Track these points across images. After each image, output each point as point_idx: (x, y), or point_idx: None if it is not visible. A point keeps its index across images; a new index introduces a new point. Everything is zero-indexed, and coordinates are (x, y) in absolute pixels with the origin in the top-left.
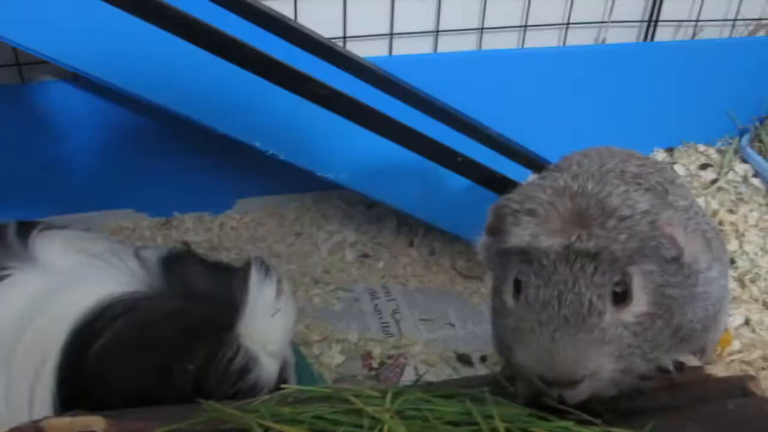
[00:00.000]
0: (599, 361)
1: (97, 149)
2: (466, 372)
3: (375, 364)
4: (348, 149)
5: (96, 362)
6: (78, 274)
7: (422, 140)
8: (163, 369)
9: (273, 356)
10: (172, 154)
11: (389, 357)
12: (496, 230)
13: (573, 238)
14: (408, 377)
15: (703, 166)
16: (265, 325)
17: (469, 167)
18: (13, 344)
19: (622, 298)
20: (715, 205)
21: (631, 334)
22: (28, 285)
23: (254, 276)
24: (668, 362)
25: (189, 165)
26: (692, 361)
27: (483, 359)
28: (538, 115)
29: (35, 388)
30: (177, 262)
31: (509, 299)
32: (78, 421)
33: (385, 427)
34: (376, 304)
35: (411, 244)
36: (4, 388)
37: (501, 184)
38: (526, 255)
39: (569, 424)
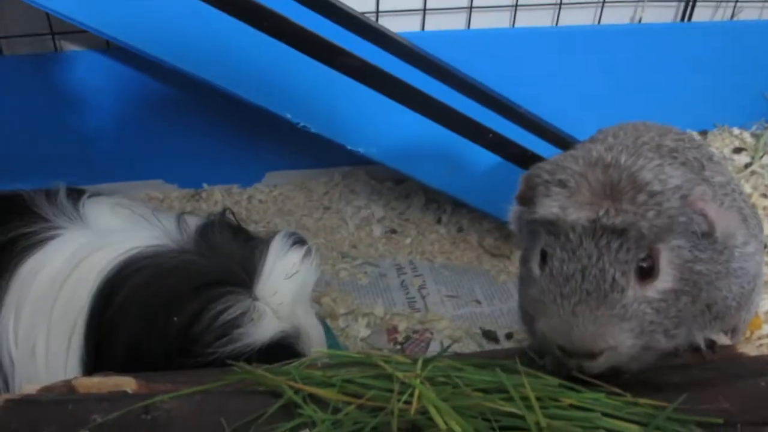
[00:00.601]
0: (618, 337)
1: (128, 119)
2: (491, 348)
3: (400, 338)
4: (379, 124)
5: (114, 314)
6: (116, 231)
7: (453, 116)
8: (154, 320)
9: (280, 318)
10: (203, 126)
11: (415, 332)
12: (526, 199)
13: (601, 213)
14: (433, 351)
15: (737, 150)
16: (278, 288)
17: (499, 144)
18: (54, 297)
19: (648, 273)
20: (748, 189)
21: (653, 310)
22: (76, 243)
23: (277, 242)
24: (700, 340)
25: (219, 137)
26: (723, 339)
27: (509, 336)
28: (570, 94)
29: (71, 339)
30: (210, 226)
31: (536, 269)
32: (108, 381)
33: (415, 392)
34: (403, 280)
35: (439, 221)
36: (46, 338)
37: (531, 162)
38: (553, 227)
39: (600, 395)
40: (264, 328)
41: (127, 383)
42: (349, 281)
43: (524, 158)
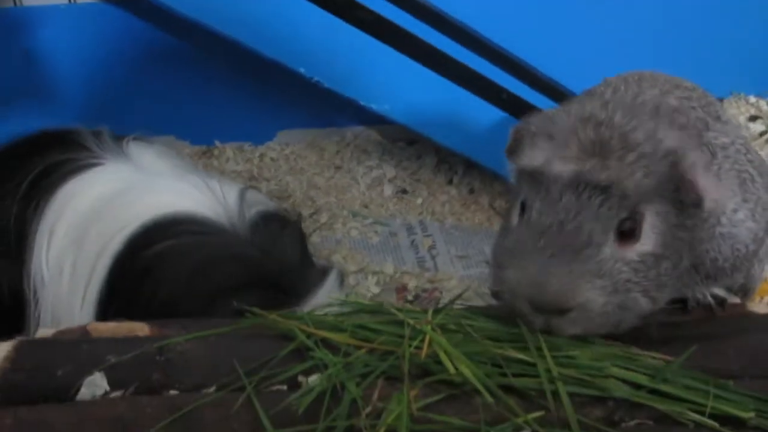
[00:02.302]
0: (589, 293)
1: (140, 74)
2: None
3: (410, 297)
4: (393, 81)
5: (147, 261)
6: (169, 180)
7: (468, 74)
8: (201, 299)
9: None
10: (215, 83)
11: (424, 290)
12: (512, 150)
13: (586, 167)
14: None
15: (753, 118)
16: None
17: (513, 104)
18: (90, 223)
19: (629, 234)
20: (763, 156)
21: (631, 270)
22: (119, 174)
23: (332, 278)
24: (707, 296)
25: (232, 94)
26: (734, 298)
27: None
28: (584, 52)
29: (96, 267)
30: (274, 220)
31: (514, 220)
32: (123, 327)
33: (426, 338)
34: (413, 240)
35: (450, 182)
36: (73, 261)
37: None
38: (535, 178)
39: (611, 348)
40: None
41: (140, 328)
42: (360, 240)
43: None
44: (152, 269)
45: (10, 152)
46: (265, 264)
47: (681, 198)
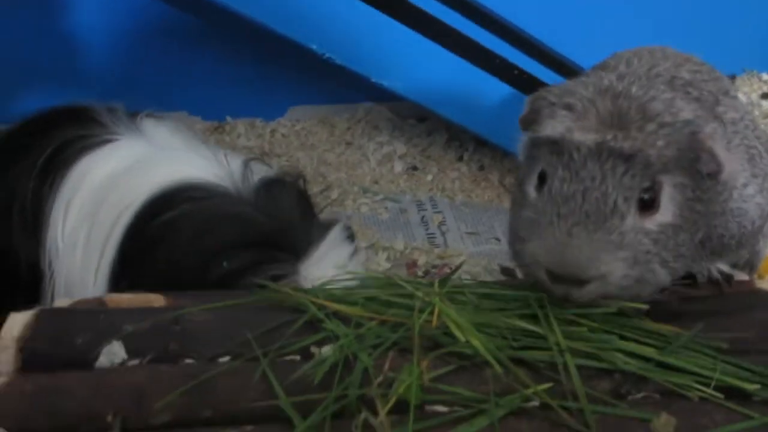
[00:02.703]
0: (612, 265)
1: (152, 51)
2: None
3: (420, 273)
4: (405, 58)
5: (155, 230)
6: (178, 152)
7: (480, 52)
8: (200, 259)
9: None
10: (227, 59)
11: (434, 266)
12: (529, 122)
13: (608, 137)
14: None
15: (765, 96)
16: (327, 275)
17: (525, 81)
18: (103, 197)
19: (648, 205)
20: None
21: (651, 241)
22: (133, 150)
23: (335, 232)
24: (714, 272)
25: (243, 70)
26: (741, 275)
27: None
28: (593, 29)
29: (108, 239)
30: (276, 184)
31: (531, 191)
32: (138, 298)
33: (435, 309)
34: (423, 216)
35: (460, 159)
36: (86, 234)
37: None
38: (556, 147)
39: (623, 320)
40: None
41: (156, 300)
42: (370, 216)
43: None
44: (160, 237)
45: (25, 129)
46: (262, 222)
47: (699, 168)
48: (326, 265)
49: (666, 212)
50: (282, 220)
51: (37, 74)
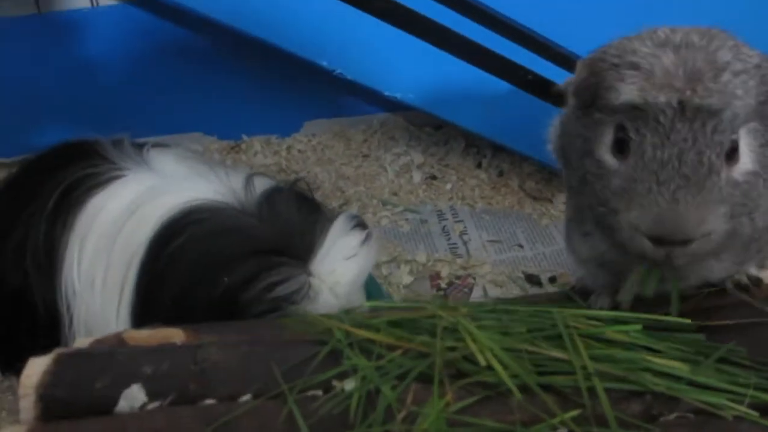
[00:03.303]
0: (717, 221)
1: (166, 73)
2: (535, 292)
3: (443, 284)
4: (416, 68)
5: (166, 260)
6: (183, 178)
7: (490, 57)
8: (203, 276)
9: (337, 297)
10: (240, 77)
11: (457, 277)
12: (588, 88)
13: (688, 93)
14: (476, 297)
15: None
16: (336, 267)
17: (539, 84)
18: (115, 234)
19: (730, 156)
20: None
21: (740, 193)
22: (141, 184)
23: (340, 221)
24: (743, 277)
25: (256, 88)
26: None
27: (552, 280)
28: (611, 32)
29: (127, 275)
30: (277, 192)
31: (610, 160)
32: (158, 334)
33: (465, 334)
34: (444, 226)
35: (479, 166)
36: (104, 271)
37: None
38: (637, 112)
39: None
40: (320, 307)
41: (176, 335)
42: (391, 228)
43: (560, 95)
44: (171, 265)
45: (34, 167)
46: (263, 230)
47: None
48: (334, 258)
49: (747, 160)
50: (282, 224)
51: (49, 100)
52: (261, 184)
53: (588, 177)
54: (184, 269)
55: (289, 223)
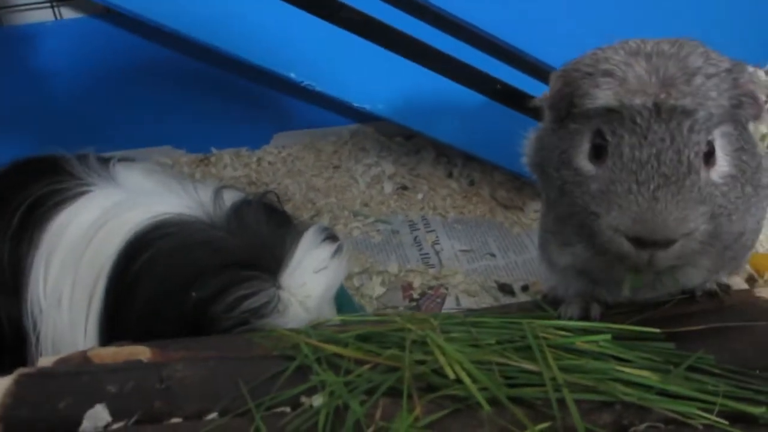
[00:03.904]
0: (698, 221)
1: (133, 86)
2: (507, 301)
3: (415, 295)
4: (385, 79)
5: (134, 275)
6: (150, 193)
7: (459, 67)
8: (172, 291)
9: (307, 310)
10: (209, 90)
11: (430, 288)
12: (562, 98)
13: (663, 96)
14: (449, 307)
15: None
16: (306, 280)
17: (508, 94)
18: (82, 250)
19: (707, 159)
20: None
21: (720, 194)
22: (107, 200)
23: (310, 234)
24: (712, 284)
25: (225, 100)
26: (739, 284)
27: (525, 288)
28: (584, 40)
29: (94, 292)
30: (246, 204)
31: (587, 165)
32: (124, 351)
33: (434, 348)
34: (416, 236)
35: (450, 176)
36: (71, 288)
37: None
38: (613, 115)
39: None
40: (289, 320)
41: (142, 352)
42: (362, 240)
43: (535, 108)
44: (138, 280)
45: None
46: (231, 244)
47: (740, 115)
48: (304, 271)
49: (723, 163)
50: (251, 237)
51: (18, 117)
52: (230, 197)
53: (566, 187)
54: (153, 284)
55: (259, 236)
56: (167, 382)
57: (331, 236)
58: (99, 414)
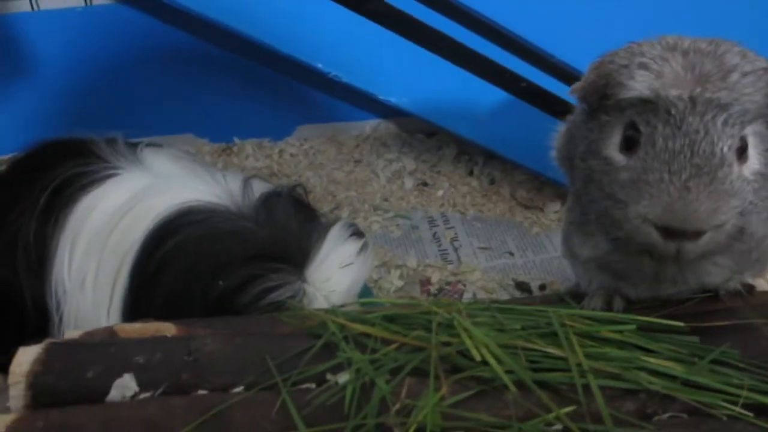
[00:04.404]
0: (728, 213)
1: (158, 74)
2: None
3: (433, 290)
4: (411, 73)
5: (160, 260)
6: (178, 177)
7: (486, 64)
8: (199, 278)
9: (331, 305)
10: (233, 80)
11: (448, 283)
12: (596, 90)
13: (699, 90)
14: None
15: None
16: (332, 275)
17: (532, 93)
18: (108, 233)
19: (740, 154)
20: None
21: (751, 190)
22: (134, 183)
23: (336, 229)
24: (736, 284)
25: (249, 91)
26: (764, 286)
27: (542, 287)
28: (606, 40)
29: (119, 275)
30: (274, 196)
31: (616, 156)
32: (149, 327)
33: (460, 330)
34: (435, 232)
35: (471, 173)
36: (95, 270)
37: (565, 111)
38: (647, 106)
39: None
40: None
41: (167, 328)
42: (381, 234)
43: (557, 107)
44: (164, 266)
45: (25, 163)
46: (259, 235)
47: None
48: (330, 266)
49: (755, 160)
50: (279, 230)
51: (45, 102)
52: (258, 188)
53: (594, 176)
54: (179, 271)
55: (286, 229)
56: (195, 355)
57: (357, 232)
58: (127, 383)
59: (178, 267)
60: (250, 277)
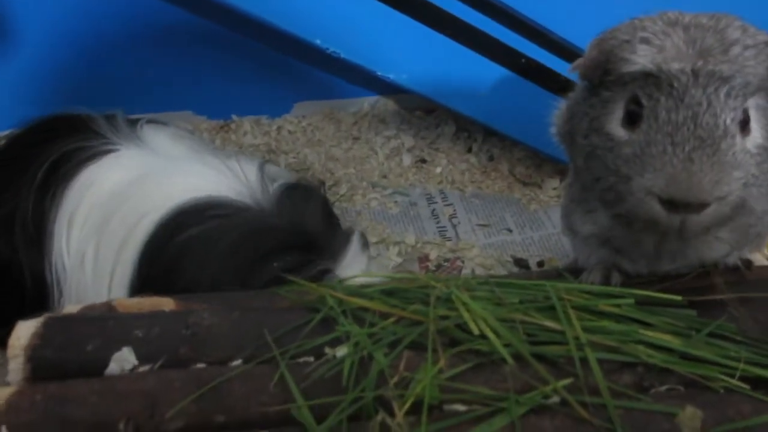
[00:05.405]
0: (732, 185)
1: (155, 51)
2: None
3: (432, 266)
4: (410, 49)
5: (178, 248)
6: (190, 165)
7: (485, 41)
8: (244, 269)
9: None
10: (231, 57)
11: (446, 260)
12: (597, 66)
13: (700, 63)
14: None
15: None
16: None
17: (532, 70)
18: (111, 210)
19: (744, 127)
20: None
21: (754, 163)
22: (134, 161)
23: (356, 238)
24: (735, 259)
25: (247, 68)
26: (761, 261)
27: (540, 264)
28: (606, 17)
29: (122, 254)
30: (297, 191)
31: (618, 131)
32: (148, 301)
33: (458, 304)
34: (433, 209)
35: (469, 150)
36: (95, 249)
37: (566, 89)
38: (649, 80)
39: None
40: None
41: (166, 303)
42: (380, 210)
43: (558, 84)
44: (186, 254)
45: (23, 139)
46: (293, 232)
47: None
48: (354, 272)
49: (757, 134)
50: (309, 228)
51: (39, 78)
52: (275, 179)
53: (596, 152)
54: (210, 258)
55: (316, 228)
56: (193, 329)
57: (365, 243)
58: (126, 357)
59: (209, 255)
60: (303, 261)
